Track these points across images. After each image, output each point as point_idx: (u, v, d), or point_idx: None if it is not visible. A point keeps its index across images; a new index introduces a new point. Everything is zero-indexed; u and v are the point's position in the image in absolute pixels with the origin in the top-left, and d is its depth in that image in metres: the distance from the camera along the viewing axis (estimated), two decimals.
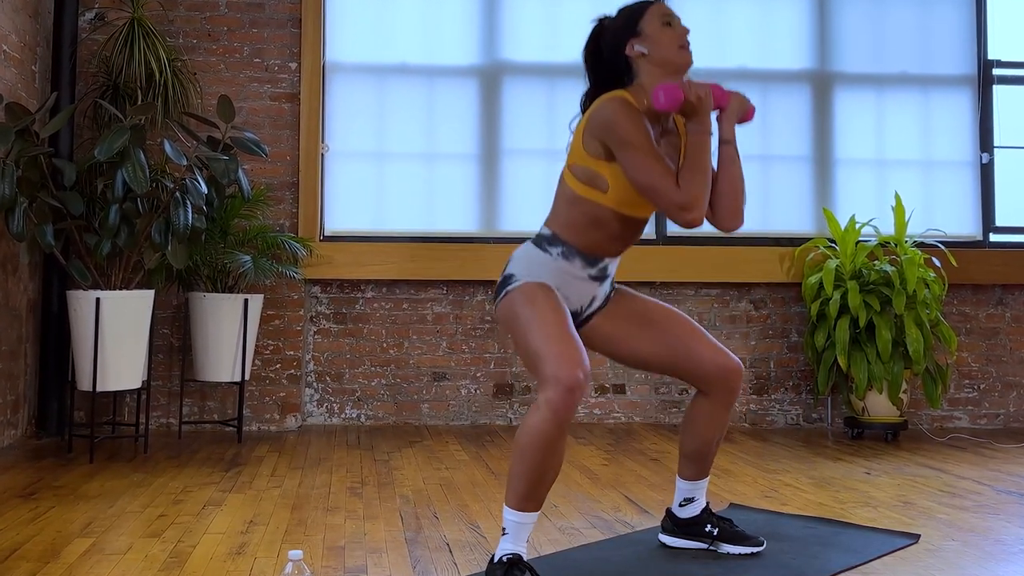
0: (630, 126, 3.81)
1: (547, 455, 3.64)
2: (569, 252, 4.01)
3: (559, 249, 4.01)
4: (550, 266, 4.00)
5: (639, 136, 3.80)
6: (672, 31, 4.03)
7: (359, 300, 8.12)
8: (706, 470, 4.36)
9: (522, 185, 8.28)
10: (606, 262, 4.11)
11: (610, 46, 4.10)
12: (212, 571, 4.00)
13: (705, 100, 3.95)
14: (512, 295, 3.95)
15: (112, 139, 6.31)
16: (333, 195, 8.14)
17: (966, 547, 4.46)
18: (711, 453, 4.32)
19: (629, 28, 4.05)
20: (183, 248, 6.71)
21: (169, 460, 6.46)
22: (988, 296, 8.56)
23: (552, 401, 3.59)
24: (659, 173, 3.75)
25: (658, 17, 4.04)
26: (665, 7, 4.09)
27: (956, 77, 8.72)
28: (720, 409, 4.21)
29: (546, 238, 4.06)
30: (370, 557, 4.22)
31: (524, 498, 3.71)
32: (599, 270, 4.08)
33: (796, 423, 8.36)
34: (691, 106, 3.92)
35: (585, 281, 4.06)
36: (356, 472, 6.13)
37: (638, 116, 3.85)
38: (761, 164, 8.50)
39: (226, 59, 7.99)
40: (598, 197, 3.94)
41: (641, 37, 4.02)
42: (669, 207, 3.76)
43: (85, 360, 6.52)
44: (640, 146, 3.78)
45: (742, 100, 4.23)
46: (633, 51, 4.03)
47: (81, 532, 4.59)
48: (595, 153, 3.93)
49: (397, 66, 8.30)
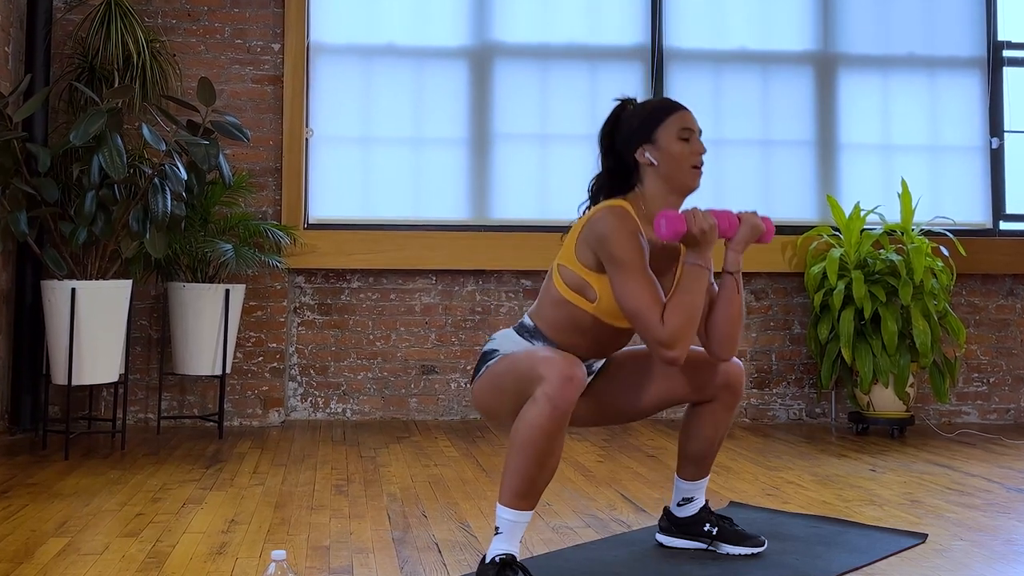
0: (625, 244, 3.76)
1: (545, 451, 3.64)
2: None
3: (541, 343, 3.99)
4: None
5: (632, 257, 3.76)
6: (687, 148, 3.98)
7: (345, 290, 8.12)
8: (707, 470, 4.36)
9: (514, 171, 8.27)
10: (591, 361, 4.12)
11: (623, 142, 4.05)
12: (192, 572, 3.99)
13: (709, 234, 3.85)
14: (492, 367, 3.96)
15: (88, 123, 6.31)
16: (318, 181, 8.13)
17: (975, 547, 4.46)
18: (713, 453, 4.31)
19: (644, 132, 4.00)
20: (162, 236, 6.70)
21: (147, 456, 6.45)
22: (998, 286, 8.56)
23: (551, 394, 3.58)
24: (647, 302, 3.71)
25: (677, 129, 3.98)
26: (688, 118, 4.03)
27: (965, 59, 8.72)
28: (724, 410, 4.21)
29: (528, 330, 4.04)
30: (356, 557, 4.22)
31: (520, 496, 3.71)
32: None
33: (799, 418, 8.37)
34: (693, 238, 3.84)
35: None
36: (341, 469, 6.13)
37: (635, 234, 3.81)
38: (762, 149, 8.51)
39: (206, 40, 7.98)
40: (585, 305, 3.92)
41: (654, 146, 3.97)
42: (649, 341, 3.75)
43: (60, 352, 6.51)
44: (631, 268, 3.74)
45: (755, 225, 4.12)
46: (643, 158, 3.98)
47: (56, 531, 4.58)
48: (587, 263, 3.88)
49: (384, 47, 8.29)
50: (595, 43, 8.44)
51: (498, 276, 8.18)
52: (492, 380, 3.94)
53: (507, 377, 3.84)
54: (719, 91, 8.43)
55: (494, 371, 3.93)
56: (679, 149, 3.96)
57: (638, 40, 8.42)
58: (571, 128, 8.22)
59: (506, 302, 8.18)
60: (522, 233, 8.08)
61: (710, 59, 8.48)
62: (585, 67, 8.44)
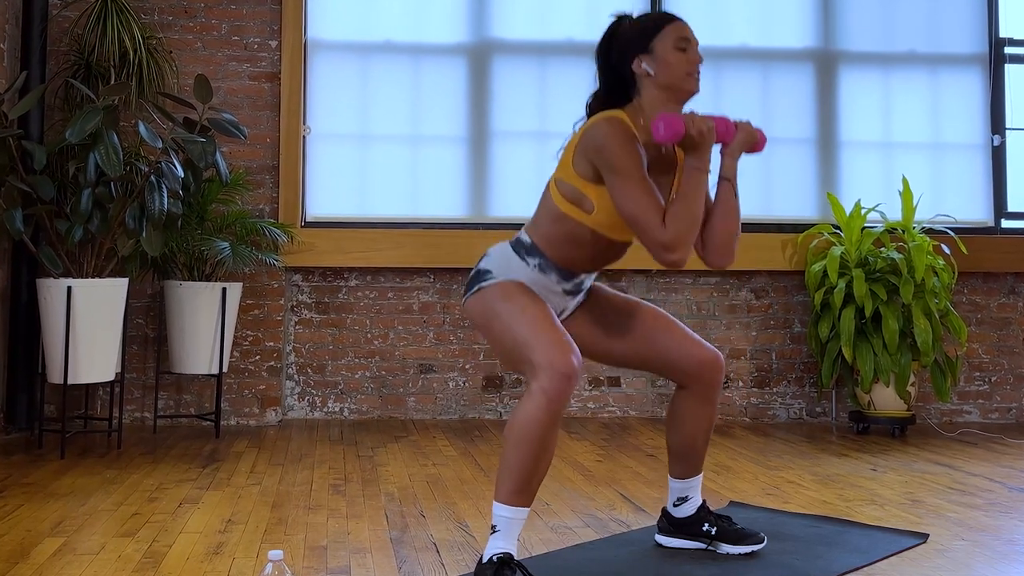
0: (622, 152, 3.79)
1: (540, 446, 3.64)
2: (546, 265, 4.01)
3: (536, 261, 4.01)
4: (525, 274, 4.01)
5: (630, 164, 3.78)
6: (684, 57, 4.00)
7: (342, 289, 8.11)
8: (697, 467, 4.36)
9: (512, 169, 8.27)
10: (582, 278, 4.13)
11: (619, 55, 4.07)
12: (188, 572, 3.99)
13: (707, 136, 3.89)
14: (486, 291, 3.97)
15: (84, 120, 6.31)
16: (315, 179, 8.13)
17: (977, 547, 4.46)
18: (699, 449, 4.31)
19: (640, 43, 4.02)
20: (158, 234, 6.70)
21: (143, 456, 6.45)
22: (1000, 285, 8.57)
23: (546, 389, 3.59)
24: (645, 206, 3.74)
25: (673, 39, 4.00)
26: (684, 29, 4.06)
27: (967, 56, 8.72)
28: (701, 403, 4.22)
29: (524, 246, 4.06)
30: (353, 557, 4.22)
31: (516, 492, 3.71)
32: (574, 285, 4.11)
33: (799, 417, 8.37)
34: (692, 140, 3.87)
35: (559, 295, 4.08)
36: (339, 469, 6.13)
37: (632, 141, 3.83)
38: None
39: (203, 37, 7.97)
40: (582, 217, 3.93)
41: (651, 56, 3.99)
42: (651, 244, 3.75)
43: (56, 351, 6.50)
44: (630, 175, 3.76)
45: (750, 132, 4.16)
46: (640, 68, 4.00)
47: (51, 531, 4.58)
48: (583, 174, 3.90)
49: (382, 44, 8.29)
50: (594, 40, 8.38)
51: None
52: (487, 317, 3.95)
53: (503, 332, 3.86)
54: (719, 88, 8.43)
55: (490, 308, 3.94)
56: (676, 58, 3.99)
57: None
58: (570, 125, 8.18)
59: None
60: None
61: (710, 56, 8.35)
62: (584, 64, 8.28)
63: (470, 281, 4.05)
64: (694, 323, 8.24)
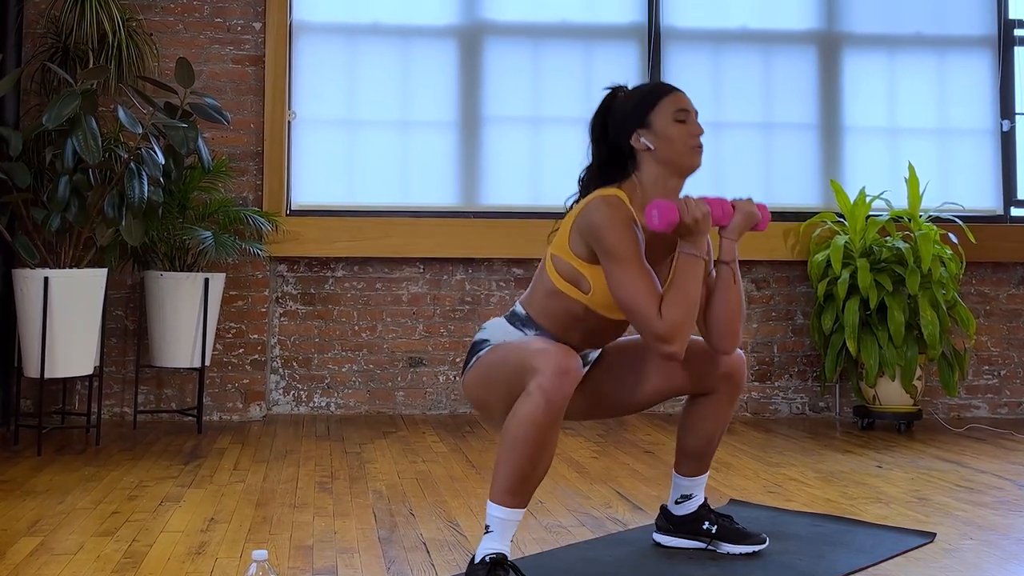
0: (619, 236, 3.76)
1: (539, 446, 3.64)
2: (543, 337, 3.98)
3: (533, 332, 4.00)
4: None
5: (626, 249, 3.76)
6: (684, 129, 3.97)
7: (329, 279, 8.11)
8: (706, 466, 4.36)
9: (505, 155, 8.27)
10: (585, 352, 4.13)
11: (616, 129, 4.04)
12: (170, 572, 3.99)
13: (702, 223, 3.83)
14: (483, 357, 3.97)
15: (61, 105, 6.29)
16: (300, 166, 8.13)
17: (986, 547, 4.47)
18: (713, 449, 4.32)
19: (637, 117, 3.99)
20: (138, 223, 6.69)
21: (123, 452, 6.45)
22: (1009, 275, 8.57)
23: (545, 388, 3.58)
24: (642, 294, 3.71)
25: (672, 111, 3.98)
26: (682, 99, 4.03)
27: (975, 38, 8.72)
28: (724, 404, 4.22)
29: (520, 319, 4.05)
30: (340, 557, 4.22)
31: (512, 493, 3.70)
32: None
33: (802, 412, 8.38)
34: (687, 228, 3.82)
35: None
36: (325, 465, 6.13)
37: (629, 224, 3.81)
38: (764, 133, 8.50)
39: (185, 19, 7.96)
40: (579, 296, 3.92)
41: (649, 130, 3.96)
42: (647, 335, 3.75)
43: (32, 344, 6.50)
44: (626, 260, 3.75)
45: (749, 212, 4.09)
46: (639, 143, 3.98)
47: (28, 530, 4.58)
48: (580, 254, 3.89)
49: (369, 26, 8.28)
50: (590, 22, 8.43)
51: (488, 264, 8.17)
52: (484, 372, 3.94)
53: (499, 368, 3.84)
54: (719, 72, 8.42)
55: (486, 362, 3.93)
56: (676, 131, 3.95)
57: (635, 19, 8.41)
58: (564, 110, 8.21)
59: (497, 291, 8.18)
60: (513, 220, 8.07)
61: (710, 38, 8.48)
62: (579, 47, 8.43)
63: (468, 356, 4.05)
64: None
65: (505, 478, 3.69)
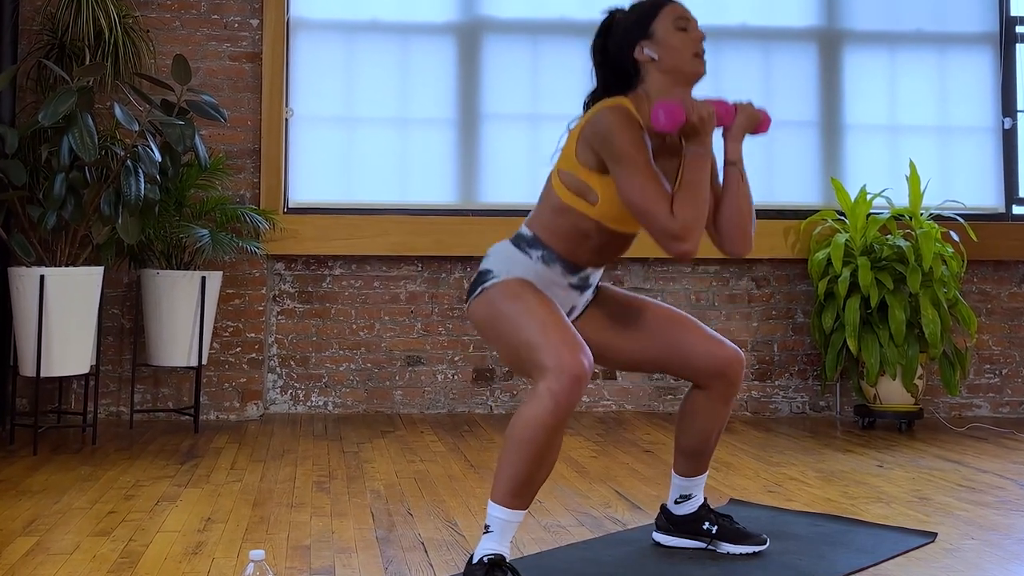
0: (627, 140, 3.78)
1: (544, 449, 3.64)
2: (549, 257, 4.00)
3: (539, 253, 4.01)
4: (529, 268, 3.99)
5: (636, 152, 3.77)
6: (687, 36, 4.05)
7: (326, 278, 8.10)
8: (705, 465, 4.37)
9: (504, 153, 8.26)
10: (588, 271, 4.11)
11: (618, 45, 4.08)
12: (166, 572, 3.99)
13: (708, 121, 3.90)
14: (490, 292, 3.94)
15: (58, 102, 6.29)
16: (298, 164, 8.12)
17: (987, 547, 4.47)
18: (710, 448, 4.32)
19: (640, 28, 4.03)
20: (135, 221, 6.69)
21: (119, 452, 6.45)
22: (1011, 273, 8.57)
23: (555, 391, 3.58)
24: (653, 196, 3.74)
25: (672, 19, 4.03)
26: (681, 8, 4.09)
27: (976, 35, 8.71)
28: (719, 403, 4.22)
29: (526, 239, 4.06)
30: (338, 557, 4.22)
31: (514, 495, 3.70)
32: (580, 279, 4.09)
33: (802, 411, 8.37)
34: (692, 127, 3.87)
35: (565, 289, 4.06)
36: (323, 465, 6.13)
37: (637, 129, 3.83)
38: None
39: (182, 15, 7.95)
40: (586, 209, 3.94)
41: (652, 40, 4.01)
42: (660, 234, 3.76)
43: (28, 343, 6.49)
44: (635, 164, 3.76)
45: (752, 114, 4.18)
46: (642, 55, 4.02)
47: (24, 530, 4.58)
48: (587, 163, 3.91)
49: (368, 23, 8.27)
50: (589, 18, 8.27)
51: None
52: (492, 317, 3.93)
53: (509, 330, 3.83)
54: (718, 69, 8.40)
55: (496, 308, 3.91)
56: (679, 39, 4.04)
57: None
58: (564, 107, 8.04)
59: None
60: (512, 217, 8.00)
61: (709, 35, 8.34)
62: (579, 43, 8.25)
63: (472, 285, 4.04)
64: (693, 314, 8.18)
65: (508, 479, 3.69)
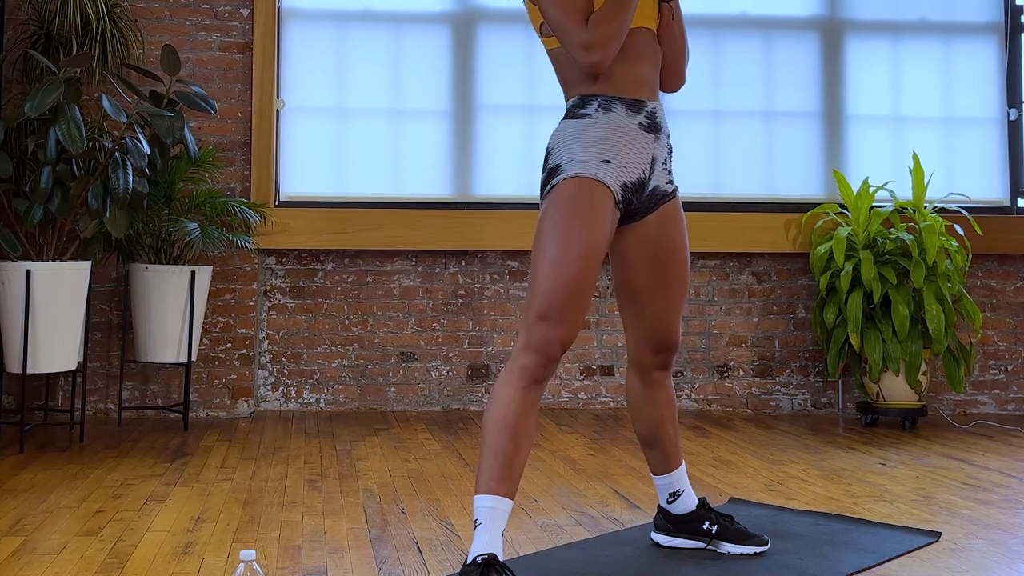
0: None
1: (519, 424, 3.70)
2: (606, 101, 4.02)
3: (595, 104, 4.03)
4: (595, 130, 4.00)
5: None
6: None
7: (318, 272, 8.10)
8: (674, 457, 4.35)
9: (499, 145, 8.25)
10: (651, 106, 4.08)
11: None
12: (155, 573, 3.99)
13: None
14: (556, 191, 3.96)
15: (44, 93, 6.28)
16: (289, 156, 8.12)
17: (992, 546, 4.47)
18: (670, 436, 4.32)
19: None
20: (123, 215, 6.69)
21: (107, 450, 6.45)
22: (1017, 267, 8.57)
23: (526, 372, 3.72)
24: (568, 9, 3.84)
25: None
26: None
27: (981, 24, 8.71)
28: (652, 386, 4.28)
29: (576, 104, 4.09)
30: (330, 557, 4.22)
31: (497, 480, 3.70)
32: (647, 116, 4.06)
33: (803, 408, 8.38)
34: None
35: (638, 134, 4.03)
36: (315, 463, 6.13)
37: None
38: (765, 122, 8.48)
39: (170, 5, 7.94)
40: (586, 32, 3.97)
41: None
42: (570, 44, 3.86)
43: (14, 339, 6.49)
44: None
45: None
46: None
47: (10, 530, 4.58)
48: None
49: (360, 12, 8.27)
50: None
51: (482, 257, 8.17)
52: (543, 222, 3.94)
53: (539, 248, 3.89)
54: (718, 59, 8.40)
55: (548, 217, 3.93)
56: None
57: None
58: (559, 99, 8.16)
59: (491, 284, 8.17)
60: (508, 211, 8.06)
61: (708, 25, 8.44)
62: None
63: (543, 181, 4.05)
64: (692, 308, 8.24)
65: (489, 465, 3.72)
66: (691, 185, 7.89)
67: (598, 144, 3.96)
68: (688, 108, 7.95)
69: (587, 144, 3.97)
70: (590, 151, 3.96)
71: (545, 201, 3.97)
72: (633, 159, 4.01)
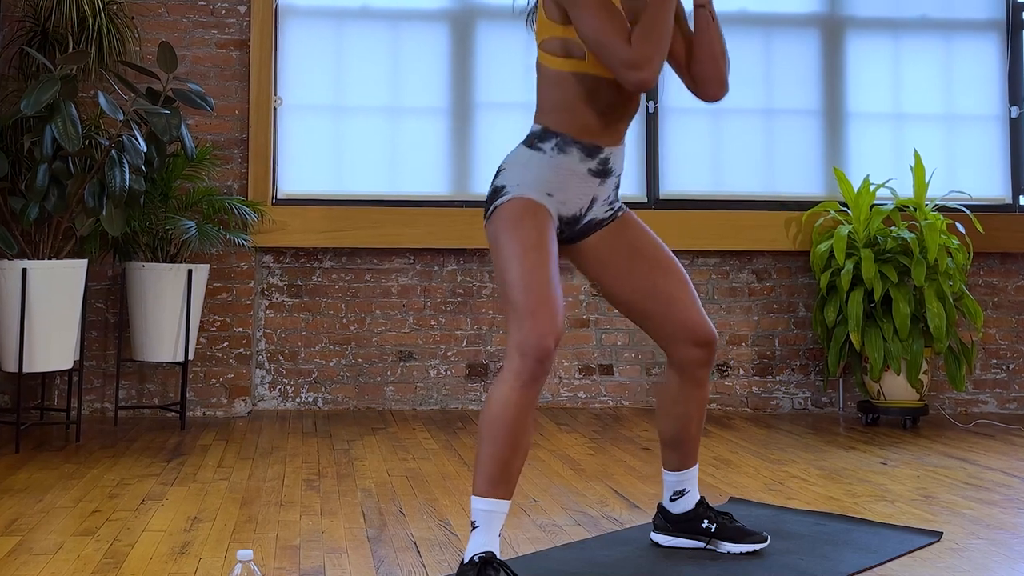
0: None
1: (515, 429, 3.69)
2: (564, 143, 4.00)
3: (552, 142, 4.00)
4: (545, 166, 3.99)
5: None
6: None
7: (316, 271, 8.10)
8: (691, 456, 4.36)
9: (497, 142, 8.19)
10: (606, 153, 4.07)
11: None
12: (152, 573, 3.99)
13: None
14: (500, 212, 3.96)
15: (40, 91, 6.28)
16: (287, 154, 8.11)
17: (994, 546, 4.47)
18: (692, 436, 4.32)
19: None
20: (119, 213, 6.68)
21: (104, 449, 6.44)
22: (1018, 266, 8.56)
23: (519, 371, 3.68)
24: (609, 29, 3.77)
25: None
26: None
27: (982, 21, 8.71)
28: (691, 385, 4.25)
29: (536, 134, 4.06)
30: (328, 557, 4.22)
31: (493, 483, 3.71)
32: (599, 163, 4.05)
33: (804, 408, 8.38)
34: None
35: (585, 178, 4.03)
36: (313, 463, 6.12)
37: None
38: (765, 119, 8.47)
39: (167, 1, 7.94)
40: (576, 66, 3.96)
41: None
42: (615, 63, 3.78)
43: (10, 338, 6.48)
44: (591, 3, 3.80)
45: None
46: None
47: (6, 530, 4.58)
48: (559, 19, 3.94)
49: (358, 9, 8.26)
50: None
51: (481, 255, 8.16)
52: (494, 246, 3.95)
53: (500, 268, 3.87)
54: None
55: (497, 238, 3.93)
56: None
57: None
58: None
59: (489, 283, 8.16)
60: None
61: None
62: None
63: (487, 200, 4.05)
64: None
65: (484, 467, 3.72)
66: (691, 183, 7.91)
67: (544, 179, 3.98)
68: (688, 106, 7.89)
69: (536, 176, 3.99)
70: (535, 183, 3.97)
71: (491, 224, 3.97)
72: (573, 198, 4.04)
